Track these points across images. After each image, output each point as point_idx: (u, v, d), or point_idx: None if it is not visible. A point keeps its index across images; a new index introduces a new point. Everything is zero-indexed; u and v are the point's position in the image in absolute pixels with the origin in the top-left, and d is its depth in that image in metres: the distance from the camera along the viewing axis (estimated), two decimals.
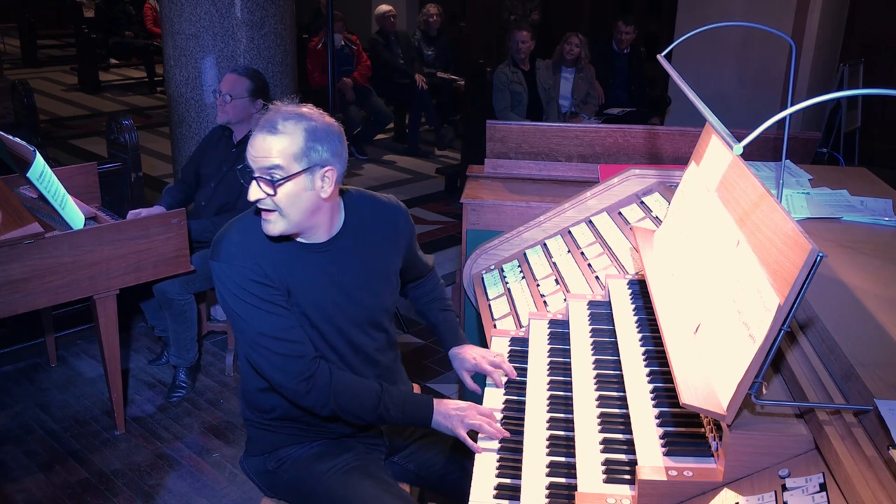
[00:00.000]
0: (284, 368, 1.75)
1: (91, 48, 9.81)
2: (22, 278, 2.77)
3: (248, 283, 1.72)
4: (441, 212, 5.98)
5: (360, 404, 1.81)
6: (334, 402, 1.78)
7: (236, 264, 1.72)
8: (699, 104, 1.67)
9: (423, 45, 7.61)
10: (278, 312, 1.74)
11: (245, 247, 1.75)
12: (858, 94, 1.42)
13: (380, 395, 1.83)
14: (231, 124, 3.37)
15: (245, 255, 1.73)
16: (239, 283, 1.72)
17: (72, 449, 3.10)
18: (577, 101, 5.89)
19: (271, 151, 1.66)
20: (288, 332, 1.74)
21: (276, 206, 1.68)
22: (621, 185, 2.61)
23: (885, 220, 2.15)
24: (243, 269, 1.72)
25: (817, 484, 1.20)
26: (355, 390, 1.81)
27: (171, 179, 5.29)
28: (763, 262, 1.29)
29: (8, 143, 3.02)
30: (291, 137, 1.66)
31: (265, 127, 1.68)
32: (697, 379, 1.36)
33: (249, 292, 1.72)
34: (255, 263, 1.73)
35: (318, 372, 1.77)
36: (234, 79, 3.31)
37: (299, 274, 1.78)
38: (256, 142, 1.69)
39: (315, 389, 1.76)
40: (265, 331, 1.73)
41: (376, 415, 1.82)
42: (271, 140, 1.66)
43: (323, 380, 1.77)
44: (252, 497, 2.82)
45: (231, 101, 3.28)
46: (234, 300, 1.74)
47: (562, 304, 2.23)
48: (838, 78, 6.44)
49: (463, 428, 1.81)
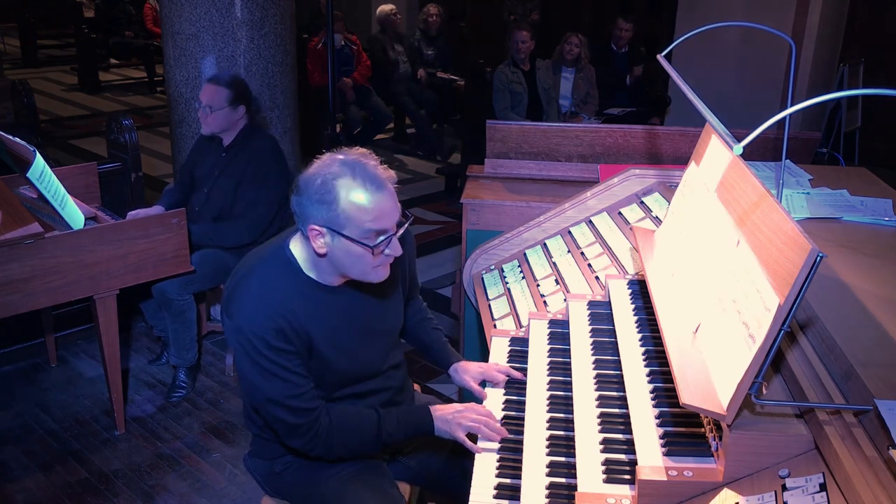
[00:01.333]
0: (289, 432, 1.77)
1: (91, 48, 9.81)
2: (22, 278, 2.77)
3: (268, 349, 1.66)
4: (441, 212, 5.98)
5: (362, 439, 1.83)
6: (339, 448, 1.81)
7: (254, 326, 1.65)
8: (699, 104, 1.67)
9: (423, 45, 7.60)
10: (291, 379, 1.70)
11: (267, 301, 1.68)
12: (858, 94, 1.42)
13: (378, 422, 1.83)
14: (216, 134, 3.34)
15: (268, 312, 1.66)
16: (256, 345, 1.66)
17: (72, 449, 3.10)
18: (577, 101, 5.89)
19: (397, 204, 1.66)
20: (296, 399, 1.72)
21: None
22: (621, 185, 2.61)
23: (885, 220, 2.15)
24: (264, 335, 1.65)
25: (817, 484, 1.20)
26: (354, 427, 1.82)
27: (170, 179, 5.29)
28: (763, 262, 1.29)
29: (8, 143, 3.02)
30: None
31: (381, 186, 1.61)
32: (697, 379, 1.36)
33: (266, 357, 1.66)
34: (277, 323, 1.66)
35: (320, 429, 1.76)
36: (213, 90, 3.22)
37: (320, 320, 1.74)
38: (387, 205, 1.62)
39: (319, 443, 1.78)
40: (275, 397, 1.71)
41: (381, 442, 1.84)
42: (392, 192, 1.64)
43: (324, 431, 1.77)
44: (252, 497, 2.82)
45: (212, 113, 3.22)
46: (247, 362, 1.69)
47: (562, 304, 2.23)
48: (838, 78, 6.44)
49: (461, 430, 1.82)
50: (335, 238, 1.62)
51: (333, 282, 1.76)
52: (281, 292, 1.69)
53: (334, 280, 1.75)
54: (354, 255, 1.64)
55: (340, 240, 1.62)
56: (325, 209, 1.59)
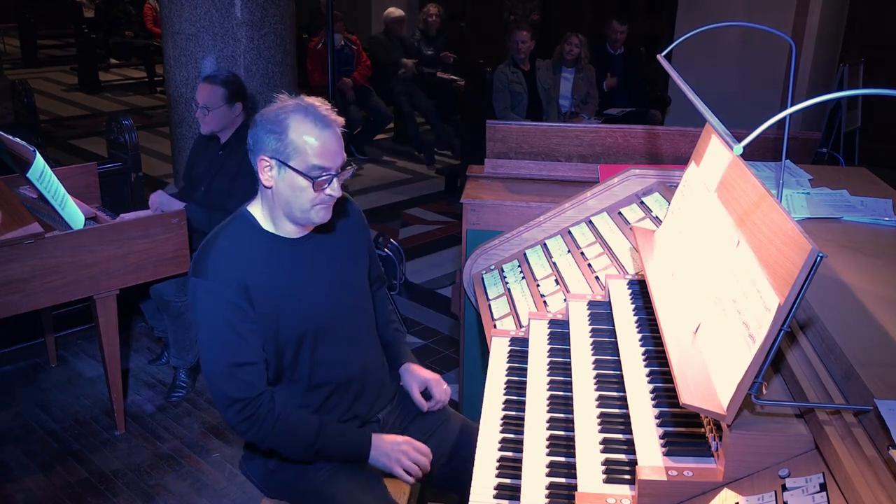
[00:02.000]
0: (227, 404, 1.78)
1: (91, 48, 9.81)
2: (22, 278, 2.77)
3: (226, 305, 1.73)
4: (441, 212, 5.98)
5: (295, 441, 1.85)
6: (272, 440, 1.82)
7: (218, 282, 1.74)
8: (699, 104, 1.67)
9: (423, 45, 7.61)
10: (239, 345, 1.75)
11: (233, 257, 1.77)
12: (858, 94, 1.42)
13: (318, 431, 1.86)
14: (215, 133, 3.34)
15: (233, 267, 1.75)
16: (216, 304, 1.74)
17: (72, 449, 3.10)
18: (577, 102, 5.89)
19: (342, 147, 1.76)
20: (241, 369, 1.75)
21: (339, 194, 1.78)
22: (621, 185, 2.61)
23: (885, 220, 2.15)
24: (225, 291, 1.73)
25: (817, 484, 1.20)
26: (293, 426, 1.83)
27: (170, 179, 5.29)
28: (763, 262, 1.29)
29: (8, 143, 3.02)
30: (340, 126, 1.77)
31: (328, 123, 1.73)
32: (697, 379, 1.36)
33: (222, 316, 1.73)
34: (241, 278, 1.74)
35: (259, 413, 1.78)
36: (208, 89, 3.22)
37: (283, 271, 1.81)
38: (333, 142, 1.74)
39: (254, 428, 1.79)
40: (219, 364, 1.75)
41: (313, 451, 1.87)
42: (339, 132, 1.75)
43: (264, 421, 1.79)
44: (252, 497, 2.82)
45: (209, 113, 3.22)
46: (204, 321, 1.76)
47: (562, 304, 2.23)
48: (838, 78, 6.44)
49: (398, 466, 1.89)
50: (282, 170, 1.72)
51: (292, 232, 1.84)
52: (243, 248, 1.78)
53: (293, 231, 1.83)
54: (297, 189, 1.73)
55: (286, 171, 1.72)
56: (275, 140, 1.71)
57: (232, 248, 1.78)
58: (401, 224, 5.70)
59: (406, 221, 5.76)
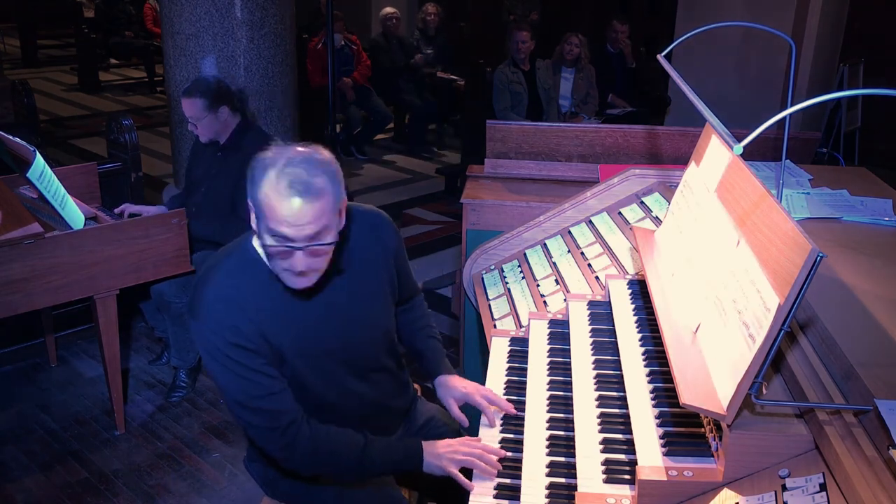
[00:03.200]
0: (261, 437, 1.68)
1: (91, 48, 9.81)
2: (22, 278, 2.76)
3: (229, 347, 1.59)
4: (441, 212, 5.98)
5: (342, 461, 1.72)
6: (314, 466, 1.72)
7: (214, 325, 1.60)
8: (699, 104, 1.67)
9: (422, 45, 7.61)
10: (254, 379, 1.62)
11: (229, 301, 1.61)
12: (858, 94, 1.42)
13: (363, 448, 1.73)
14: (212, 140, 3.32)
15: (229, 312, 1.60)
16: (219, 347, 1.60)
17: (72, 449, 3.10)
18: (577, 102, 5.89)
19: (322, 214, 1.49)
20: (264, 400, 1.63)
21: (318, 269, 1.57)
22: (621, 185, 2.61)
23: (885, 220, 2.15)
24: (223, 333, 1.59)
25: (817, 484, 1.20)
26: (336, 447, 1.71)
27: (170, 179, 5.29)
28: (763, 262, 1.29)
29: (8, 143, 3.02)
30: (331, 191, 1.50)
31: (300, 190, 1.46)
32: (697, 379, 1.36)
33: (228, 356, 1.60)
34: (237, 324, 1.60)
35: (296, 439, 1.66)
36: (188, 103, 3.19)
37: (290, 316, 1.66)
38: (300, 209, 1.46)
39: (295, 456, 1.69)
40: (241, 399, 1.63)
41: (363, 469, 1.74)
42: (319, 203, 1.48)
43: (302, 445, 1.67)
44: (252, 497, 2.81)
45: (198, 124, 3.21)
46: (212, 363, 1.63)
47: (562, 304, 2.23)
48: (838, 78, 6.43)
49: (454, 466, 1.72)
50: (259, 222, 1.54)
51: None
52: (241, 290, 1.62)
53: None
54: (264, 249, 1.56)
55: (260, 225, 1.53)
56: (252, 188, 1.51)
57: (228, 289, 1.62)
58: (401, 224, 5.70)
59: (406, 221, 5.76)
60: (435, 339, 2.07)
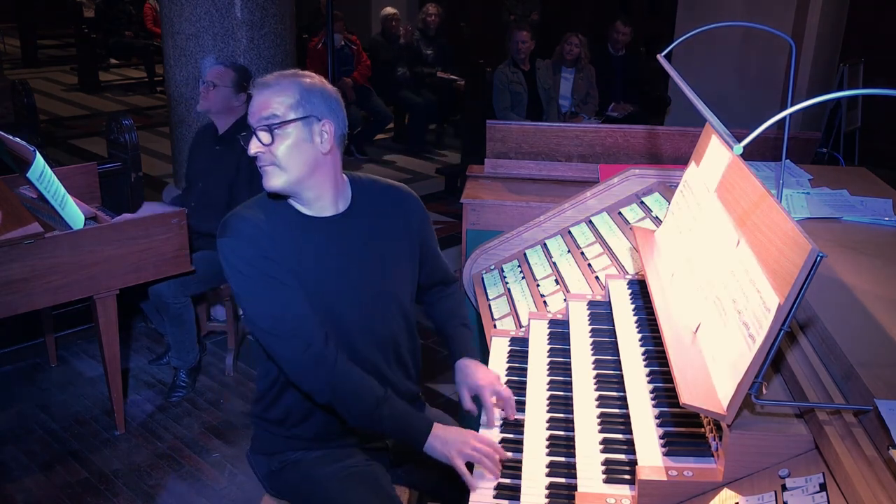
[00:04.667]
0: (288, 347, 1.71)
1: (91, 48, 9.81)
2: (22, 278, 2.76)
3: (255, 258, 1.69)
4: (441, 212, 5.98)
5: (356, 404, 1.74)
6: (331, 393, 1.73)
7: (243, 238, 1.71)
8: (699, 104, 1.67)
9: (422, 45, 7.61)
10: (283, 289, 1.70)
11: (252, 222, 1.73)
12: (858, 94, 1.42)
13: (380, 401, 1.75)
14: (211, 114, 3.34)
15: (253, 229, 1.72)
16: (245, 257, 1.69)
17: (72, 449, 3.10)
18: (577, 102, 5.89)
19: (268, 103, 1.69)
20: (293, 307, 1.70)
21: (274, 159, 1.68)
22: (621, 185, 2.61)
23: (885, 220, 2.15)
24: (250, 243, 1.70)
25: (817, 484, 1.20)
26: (357, 388, 1.74)
27: (170, 179, 5.28)
28: (763, 262, 1.29)
29: (8, 143, 3.02)
30: (287, 90, 1.70)
31: (262, 84, 1.72)
32: (697, 379, 1.36)
33: (255, 267, 1.69)
34: (261, 239, 1.71)
35: (323, 357, 1.71)
36: (222, 70, 3.33)
37: (307, 248, 1.75)
38: (254, 100, 1.71)
39: (317, 374, 1.71)
40: (269, 309, 1.70)
41: (370, 419, 1.75)
42: (267, 93, 1.70)
43: (327, 366, 1.71)
44: (252, 497, 2.81)
45: (214, 89, 3.28)
46: (239, 278, 1.71)
47: (562, 304, 2.23)
48: (838, 78, 6.43)
49: (460, 458, 1.70)
50: None
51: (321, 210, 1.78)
52: (265, 219, 1.74)
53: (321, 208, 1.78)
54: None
55: None
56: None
57: (252, 217, 1.74)
58: None
59: None
60: (466, 328, 2.09)
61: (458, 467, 1.70)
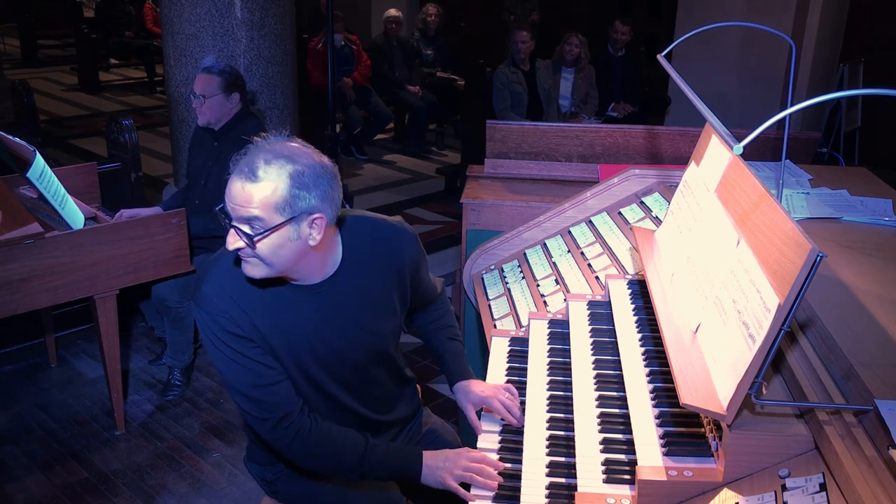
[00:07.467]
0: (255, 424, 1.67)
1: (91, 48, 9.80)
2: (22, 278, 2.76)
3: (224, 334, 1.60)
4: (441, 212, 5.98)
5: (339, 464, 1.71)
6: (313, 461, 1.71)
7: (212, 313, 1.60)
8: (699, 104, 1.67)
9: (422, 45, 7.61)
10: (253, 368, 1.62)
11: (224, 293, 1.60)
12: (858, 94, 1.42)
13: (363, 453, 1.71)
14: (212, 125, 3.31)
15: (223, 303, 1.60)
16: (216, 332, 1.60)
17: (72, 449, 3.10)
18: (577, 102, 5.89)
19: (250, 201, 1.45)
20: (257, 389, 1.62)
21: (255, 256, 1.51)
22: (621, 185, 2.61)
23: (885, 220, 2.15)
24: (219, 319, 1.59)
25: (817, 484, 1.20)
26: (337, 450, 1.69)
27: (170, 179, 5.29)
28: (763, 262, 1.29)
29: (8, 143, 3.02)
30: (274, 185, 1.45)
31: (244, 171, 1.46)
32: (697, 379, 1.36)
33: (225, 343, 1.60)
34: (231, 314, 1.60)
35: (291, 433, 1.65)
36: (205, 78, 3.21)
37: (288, 319, 1.64)
38: (234, 188, 1.47)
39: (290, 449, 1.68)
40: (237, 386, 1.63)
41: (358, 473, 1.72)
42: (251, 188, 1.45)
43: (299, 439, 1.66)
44: (252, 497, 2.82)
45: (206, 101, 3.20)
46: (212, 350, 1.64)
47: (562, 304, 2.23)
48: (838, 78, 6.43)
49: (453, 480, 1.69)
50: None
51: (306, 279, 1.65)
52: (238, 284, 1.61)
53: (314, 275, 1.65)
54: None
55: None
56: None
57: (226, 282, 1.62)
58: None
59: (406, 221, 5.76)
60: (455, 341, 2.03)
61: (453, 489, 1.70)
